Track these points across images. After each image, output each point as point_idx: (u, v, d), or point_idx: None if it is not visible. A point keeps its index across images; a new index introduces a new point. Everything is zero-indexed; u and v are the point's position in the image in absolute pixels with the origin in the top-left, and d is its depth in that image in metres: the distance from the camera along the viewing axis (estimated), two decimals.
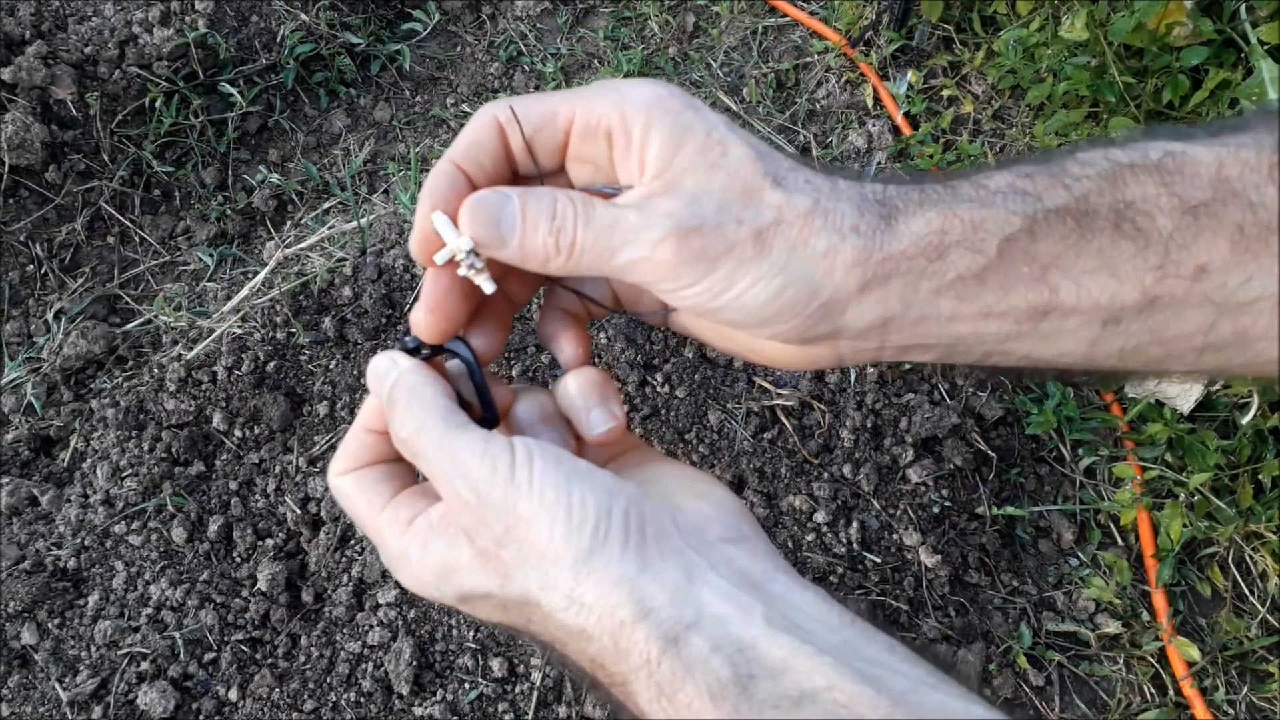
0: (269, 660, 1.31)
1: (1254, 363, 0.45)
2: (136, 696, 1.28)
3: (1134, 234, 0.43)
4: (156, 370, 1.55)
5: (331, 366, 1.53)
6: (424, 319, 0.50)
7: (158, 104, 1.76)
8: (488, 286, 0.49)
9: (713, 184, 0.43)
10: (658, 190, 0.44)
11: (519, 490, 0.43)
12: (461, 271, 0.48)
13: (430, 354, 0.52)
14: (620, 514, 0.43)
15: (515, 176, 0.50)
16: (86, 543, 1.40)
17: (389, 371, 0.50)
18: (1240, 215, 0.42)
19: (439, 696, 1.26)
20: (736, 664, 0.39)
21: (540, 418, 0.52)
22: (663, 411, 1.46)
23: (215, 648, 1.32)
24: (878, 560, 1.38)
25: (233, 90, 1.83)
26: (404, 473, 0.52)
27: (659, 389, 1.48)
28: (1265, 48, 1.56)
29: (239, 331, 1.55)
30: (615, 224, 0.44)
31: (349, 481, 0.51)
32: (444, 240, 0.47)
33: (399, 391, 0.48)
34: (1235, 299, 0.43)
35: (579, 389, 0.52)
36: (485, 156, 0.48)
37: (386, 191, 1.83)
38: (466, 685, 1.27)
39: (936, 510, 1.42)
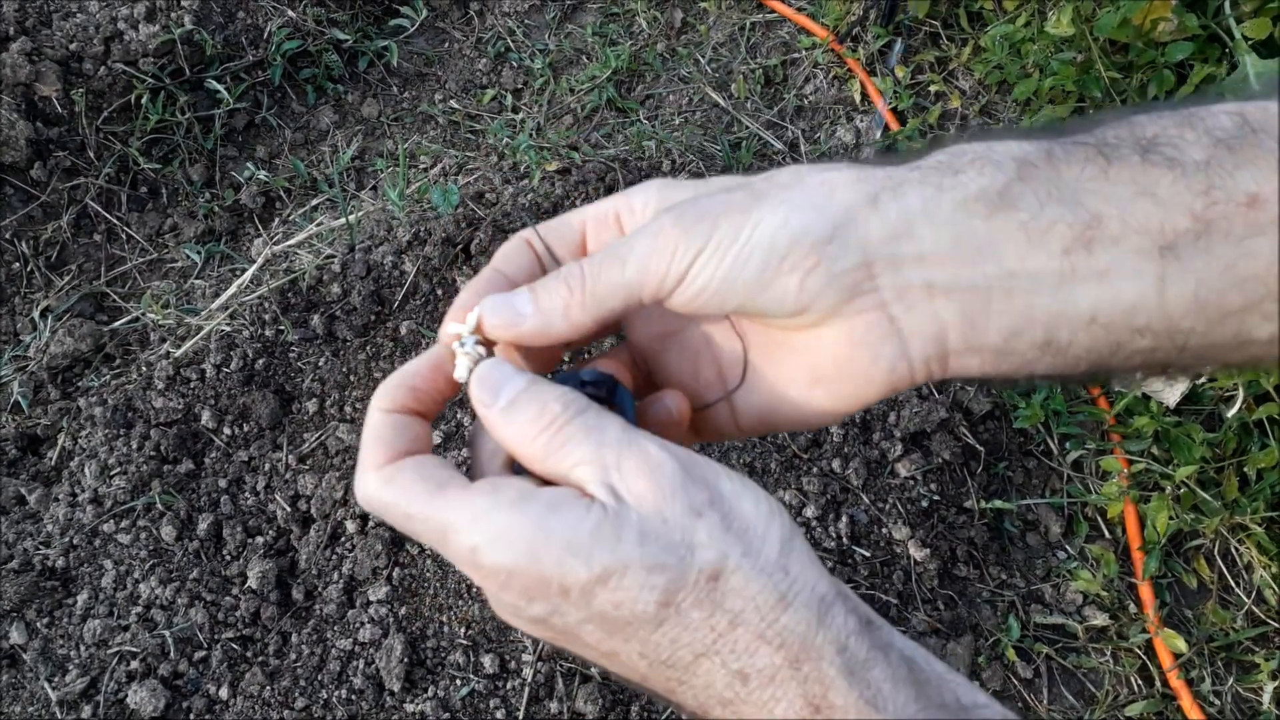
0: (260, 658, 1.31)
1: None
2: (126, 695, 1.28)
3: (1165, 163, 0.41)
4: (145, 368, 1.54)
5: (320, 364, 1.52)
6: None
7: (144, 101, 1.76)
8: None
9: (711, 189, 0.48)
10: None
11: (719, 472, 0.44)
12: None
13: (594, 395, 0.49)
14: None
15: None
16: (75, 541, 1.39)
17: (513, 378, 0.47)
18: None
19: (430, 693, 1.26)
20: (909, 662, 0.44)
21: None
22: None
23: (205, 646, 1.31)
24: (867, 554, 1.38)
25: (219, 87, 1.82)
26: (453, 465, 0.47)
27: None
28: (1249, 43, 1.57)
29: (227, 329, 1.54)
30: (619, 241, 0.48)
31: (406, 468, 0.45)
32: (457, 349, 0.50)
33: (565, 395, 0.46)
34: None
35: None
36: (519, 259, 0.54)
37: (375, 188, 1.82)
38: (458, 682, 1.27)
39: (925, 504, 1.43)
